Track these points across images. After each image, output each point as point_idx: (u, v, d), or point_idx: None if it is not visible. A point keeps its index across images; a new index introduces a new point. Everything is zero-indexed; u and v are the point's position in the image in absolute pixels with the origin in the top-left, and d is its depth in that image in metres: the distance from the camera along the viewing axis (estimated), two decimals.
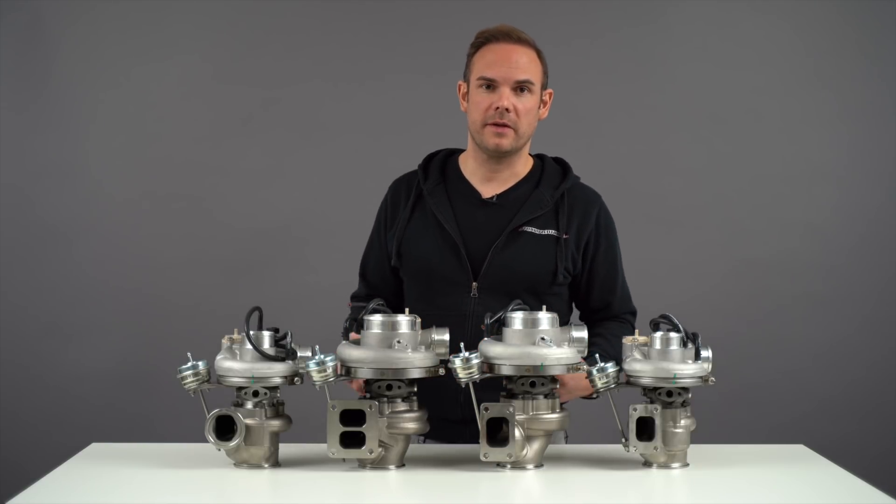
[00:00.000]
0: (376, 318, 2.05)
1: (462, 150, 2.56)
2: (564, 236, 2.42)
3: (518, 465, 2.05)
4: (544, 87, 2.47)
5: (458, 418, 2.34)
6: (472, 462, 2.09)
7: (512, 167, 2.47)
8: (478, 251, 2.41)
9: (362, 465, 2.05)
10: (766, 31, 4.23)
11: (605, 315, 2.51)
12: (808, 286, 4.18)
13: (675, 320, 2.08)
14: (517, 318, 2.06)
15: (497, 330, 2.09)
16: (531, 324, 2.05)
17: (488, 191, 2.46)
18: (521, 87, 2.39)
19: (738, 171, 4.21)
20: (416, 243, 2.45)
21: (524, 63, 2.40)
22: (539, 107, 2.45)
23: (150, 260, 4.15)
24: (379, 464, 2.05)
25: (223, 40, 4.20)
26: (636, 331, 2.15)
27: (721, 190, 4.21)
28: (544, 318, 2.06)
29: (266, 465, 2.07)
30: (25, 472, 2.24)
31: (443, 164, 2.53)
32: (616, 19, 4.21)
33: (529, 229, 2.41)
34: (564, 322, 2.08)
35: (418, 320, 2.07)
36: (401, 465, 2.07)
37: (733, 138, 4.21)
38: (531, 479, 2.01)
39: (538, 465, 2.07)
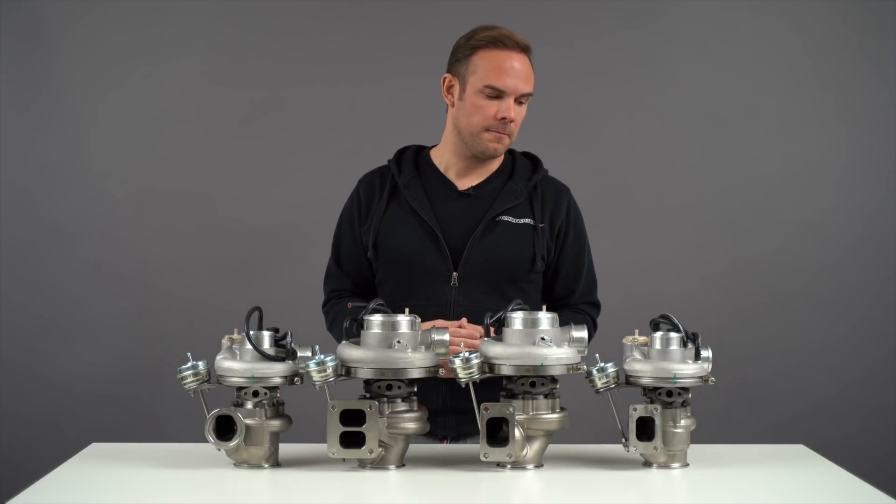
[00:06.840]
0: (376, 318, 2.05)
1: (430, 146, 2.58)
2: (540, 225, 2.47)
3: (518, 465, 2.05)
4: None
5: (438, 408, 2.35)
6: (472, 462, 2.09)
7: (488, 163, 2.51)
8: (456, 241, 2.44)
9: (362, 465, 2.05)
10: (766, 32, 4.23)
11: (567, 303, 2.55)
12: (807, 285, 4.18)
13: (675, 320, 2.08)
14: (517, 318, 2.06)
15: (496, 329, 2.09)
16: (531, 324, 2.05)
17: (462, 184, 2.50)
18: (520, 100, 2.42)
19: (738, 171, 4.21)
20: (393, 235, 2.47)
21: (529, 75, 2.43)
22: None
23: (149, 260, 4.15)
24: (379, 464, 2.05)
25: (223, 41, 4.19)
26: (636, 331, 2.15)
27: (721, 190, 4.21)
28: (544, 318, 2.06)
29: (266, 465, 2.07)
30: (25, 472, 2.24)
31: (415, 158, 2.55)
32: (616, 20, 4.21)
33: (506, 218, 2.46)
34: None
35: (418, 320, 2.07)
36: (401, 465, 2.07)
37: (733, 138, 4.21)
38: (531, 479, 2.01)
39: (538, 465, 2.07)
